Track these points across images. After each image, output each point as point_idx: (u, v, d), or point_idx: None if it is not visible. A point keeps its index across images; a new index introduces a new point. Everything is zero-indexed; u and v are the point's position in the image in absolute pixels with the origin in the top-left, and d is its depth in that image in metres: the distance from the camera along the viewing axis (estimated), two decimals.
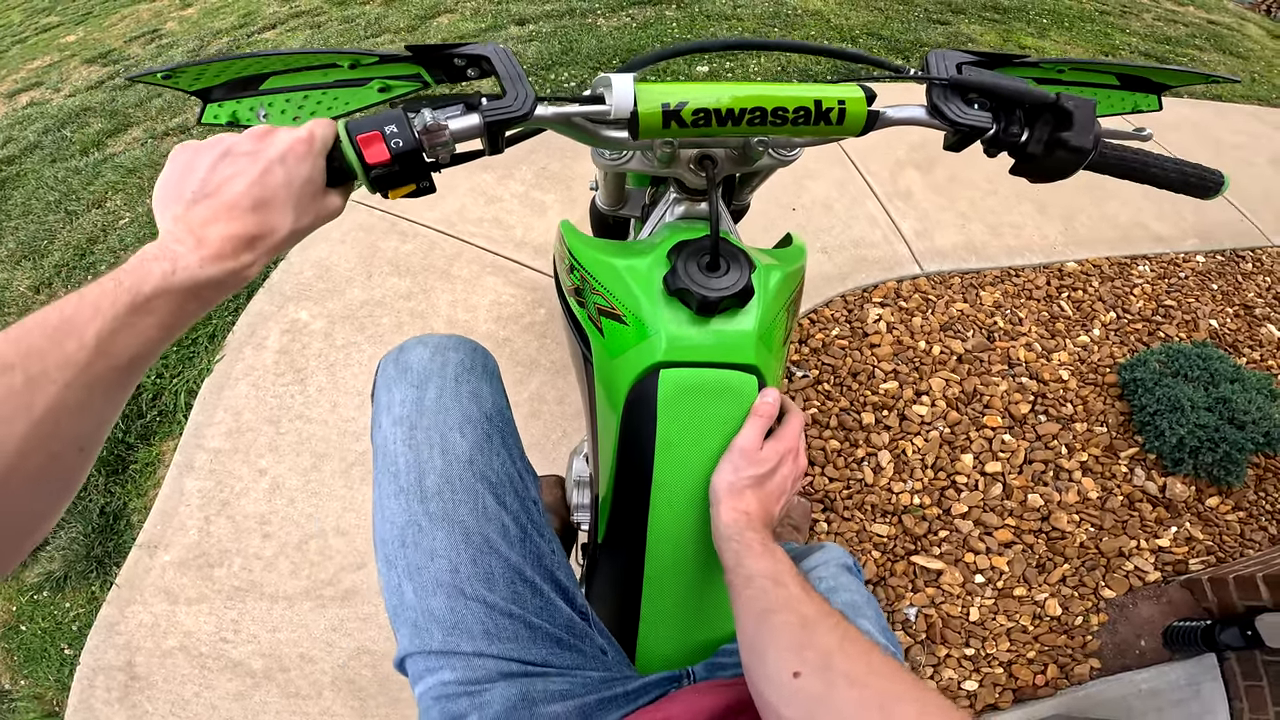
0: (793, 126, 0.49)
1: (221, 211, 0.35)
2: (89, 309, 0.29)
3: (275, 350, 1.45)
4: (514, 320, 1.51)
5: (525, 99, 0.46)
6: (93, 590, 1.26)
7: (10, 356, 0.27)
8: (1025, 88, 0.50)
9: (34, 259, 2.05)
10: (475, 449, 0.48)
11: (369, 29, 3.23)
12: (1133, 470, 1.37)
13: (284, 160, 0.37)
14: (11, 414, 0.26)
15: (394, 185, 0.43)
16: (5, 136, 3.04)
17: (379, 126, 0.41)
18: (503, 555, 0.46)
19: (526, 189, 1.79)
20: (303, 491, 1.28)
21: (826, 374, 1.48)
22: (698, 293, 0.50)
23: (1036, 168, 0.53)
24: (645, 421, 0.52)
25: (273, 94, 0.50)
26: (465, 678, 0.43)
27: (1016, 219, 1.88)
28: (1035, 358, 1.55)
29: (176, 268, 0.32)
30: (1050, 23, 3.41)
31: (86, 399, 0.29)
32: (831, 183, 1.90)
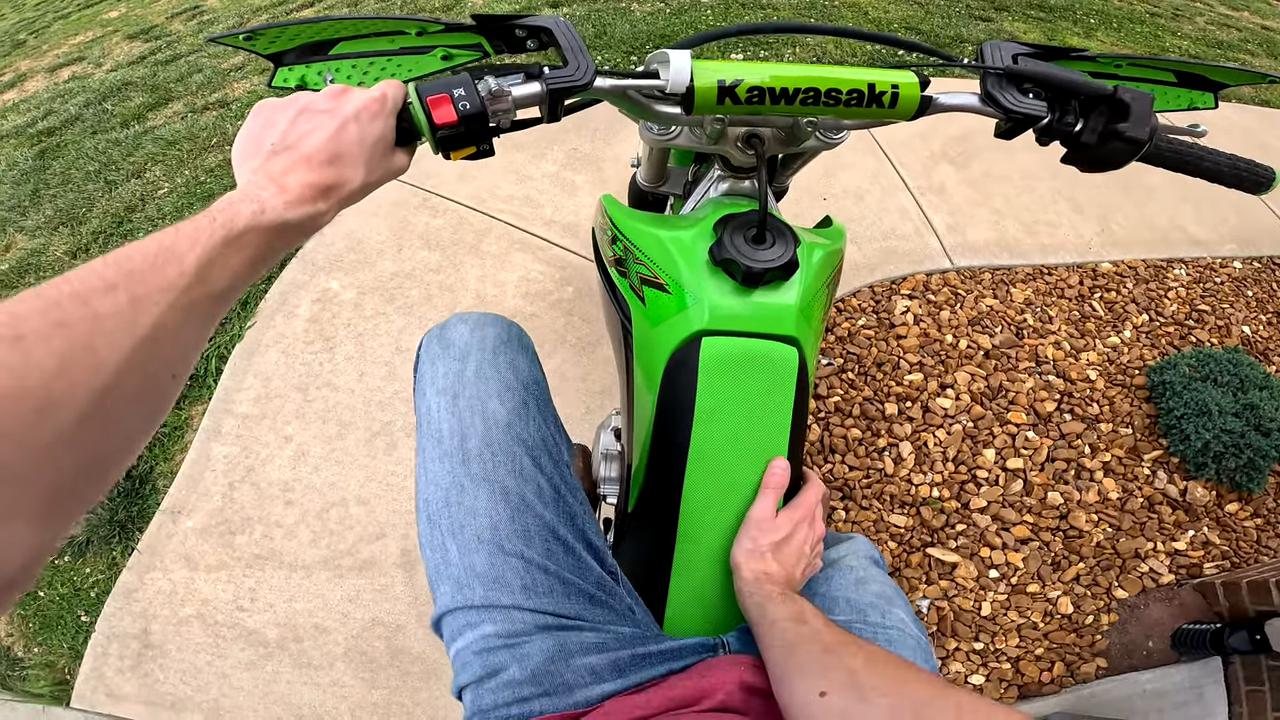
0: (844, 108, 0.50)
1: (300, 162, 0.37)
2: (186, 240, 0.31)
3: (306, 319, 1.48)
4: (541, 297, 1.52)
5: (586, 70, 0.47)
6: (114, 556, 1.27)
7: (113, 277, 0.28)
8: (1082, 79, 0.51)
9: (71, 226, 2.10)
10: (513, 415, 0.51)
11: (404, 7, 3.26)
12: (1155, 473, 1.36)
13: (358, 118, 0.39)
14: (117, 329, 0.27)
15: (457, 146, 0.45)
16: (46, 109, 3.11)
17: (448, 89, 0.43)
18: (538, 514, 0.48)
19: (558, 169, 1.79)
20: (326, 460, 1.30)
21: (851, 363, 1.47)
22: (743, 263, 0.51)
23: (1089, 157, 0.53)
24: (685, 389, 0.53)
25: (340, 59, 0.52)
26: (505, 630, 0.45)
27: (1052, 217, 1.85)
28: (1064, 356, 1.53)
29: (265, 208, 0.34)
30: (1098, 23, 3.33)
31: (184, 323, 0.30)
32: (864, 174, 1.88)
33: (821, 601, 0.56)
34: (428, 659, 1.14)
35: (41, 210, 2.26)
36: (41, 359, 0.24)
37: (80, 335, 0.26)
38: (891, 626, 0.53)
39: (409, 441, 1.32)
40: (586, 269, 1.59)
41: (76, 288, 0.27)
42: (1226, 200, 2.03)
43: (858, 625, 0.53)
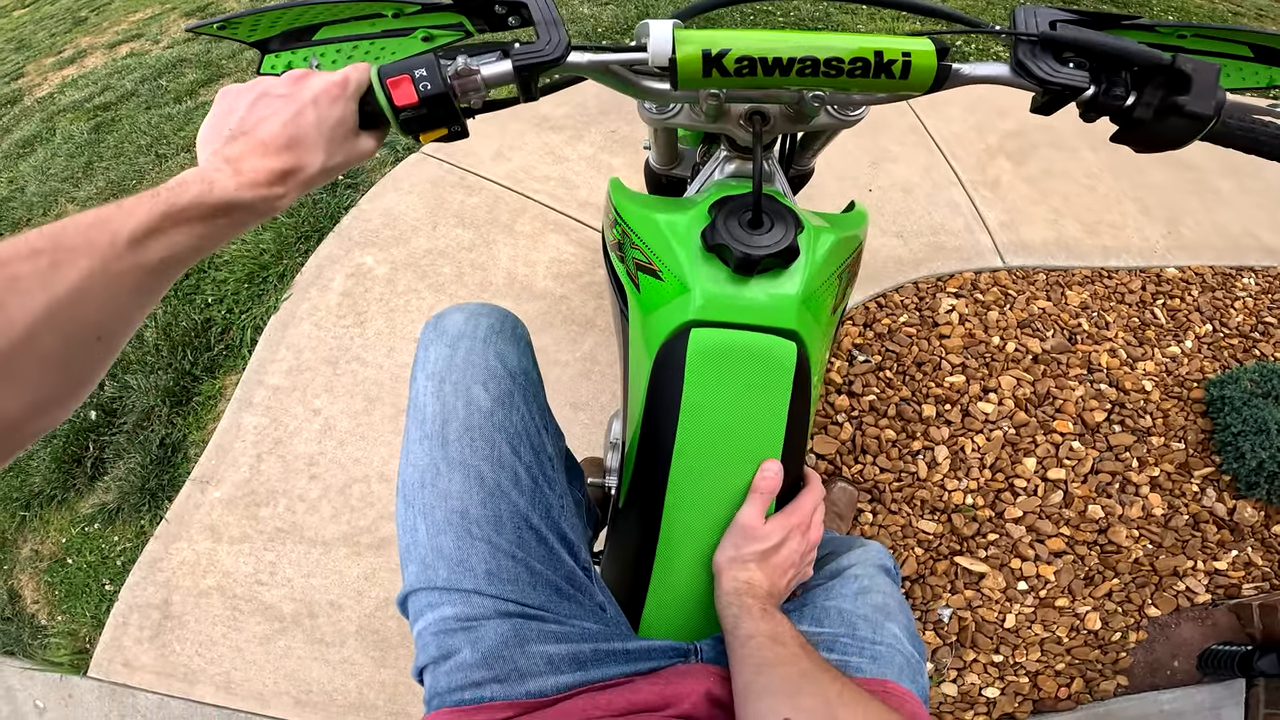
0: (848, 79, 0.45)
1: (256, 148, 0.37)
2: (125, 211, 0.31)
3: (339, 292, 1.49)
4: (573, 279, 1.50)
5: (557, 44, 0.45)
6: (142, 524, 1.29)
7: (40, 244, 0.28)
8: (1134, 46, 0.45)
9: (122, 197, 2.20)
10: (496, 403, 0.50)
11: None
12: (1204, 490, 1.30)
13: (316, 102, 0.39)
14: (31, 288, 0.27)
15: (424, 129, 0.43)
16: (104, 85, 3.22)
17: (409, 70, 0.42)
18: (512, 501, 0.47)
19: (595, 151, 1.77)
20: (353, 435, 1.31)
21: (890, 361, 1.42)
22: (737, 249, 0.47)
23: (1144, 135, 0.47)
24: (672, 382, 0.49)
25: (325, 44, 0.51)
26: (463, 614, 0.44)
27: (1116, 218, 1.75)
28: (1119, 365, 1.45)
29: (214, 187, 0.34)
30: (1175, 20, 3.14)
31: (111, 290, 0.30)
32: (914, 167, 1.81)
33: (813, 612, 0.53)
34: None
35: (94, 181, 2.34)
36: None
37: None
38: (881, 643, 0.50)
39: None
40: None
41: (3, 253, 0.27)
42: None
43: (844, 640, 0.50)
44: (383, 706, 1.09)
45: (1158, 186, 1.82)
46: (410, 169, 1.71)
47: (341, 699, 1.09)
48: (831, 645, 0.50)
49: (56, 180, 2.43)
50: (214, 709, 1.10)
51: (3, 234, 2.38)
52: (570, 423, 1.31)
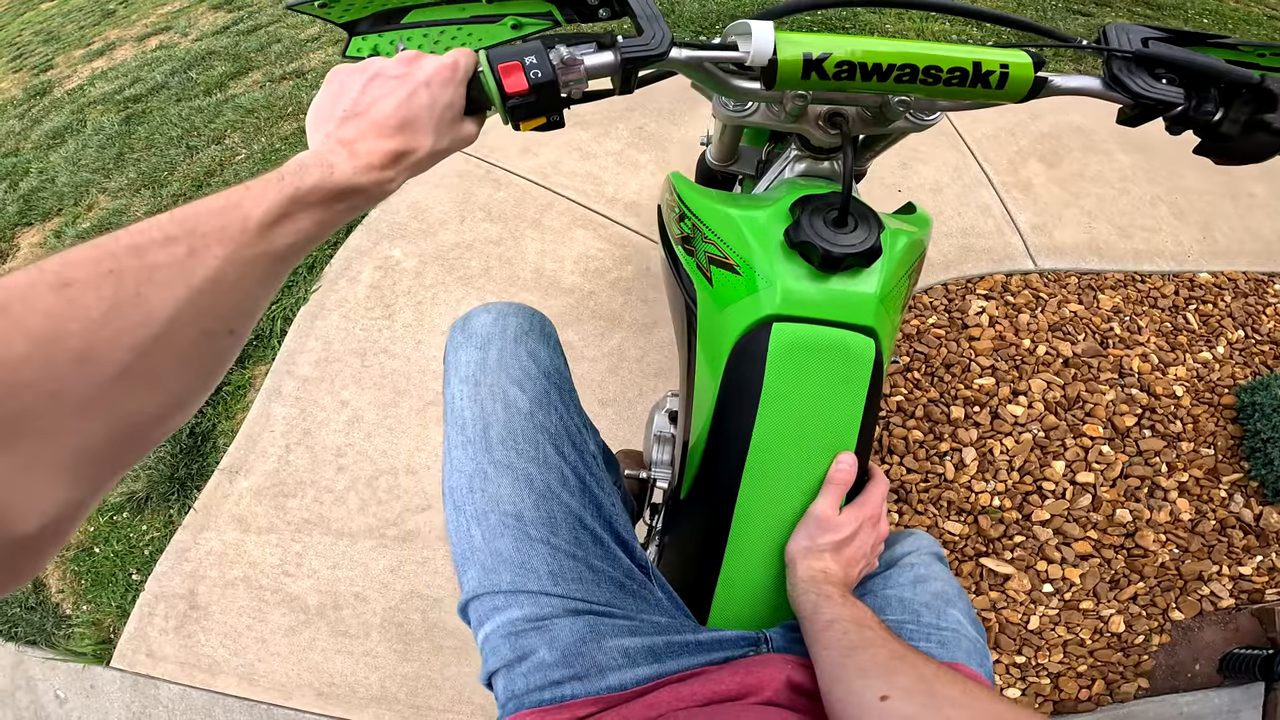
0: (945, 87, 0.47)
1: (370, 129, 0.36)
2: (254, 197, 0.31)
3: (368, 285, 1.50)
4: (600, 275, 1.50)
5: (663, 39, 0.45)
6: (170, 514, 1.30)
7: (174, 230, 0.27)
8: (1224, 64, 0.47)
9: (153, 188, 2.19)
10: (534, 404, 0.50)
11: None
12: (1232, 496, 1.29)
13: (429, 84, 0.39)
14: (170, 279, 0.26)
15: (527, 116, 0.43)
16: (134, 77, 3.24)
17: (519, 57, 0.41)
18: (564, 502, 0.47)
19: (622, 147, 1.77)
20: (380, 426, 1.32)
21: (918, 362, 1.41)
22: (822, 247, 0.48)
23: (1228, 148, 0.49)
24: (751, 376, 0.50)
25: (412, 28, 0.51)
26: (533, 614, 0.44)
27: (1149, 222, 1.72)
28: (1150, 369, 1.43)
29: (334, 171, 0.34)
30: (1211, 23, 3.08)
31: (243, 278, 0.29)
32: (944, 167, 1.79)
33: (874, 600, 0.54)
34: (462, 634, 1.13)
35: (125, 173, 2.36)
36: (87, 305, 0.23)
37: (130, 284, 0.25)
38: (946, 628, 0.51)
39: None
40: (647, 248, 1.56)
41: (135, 240, 0.26)
42: None
43: (909, 626, 0.51)
44: (404, 700, 1.09)
45: (1192, 190, 1.79)
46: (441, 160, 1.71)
47: (364, 691, 1.10)
48: (898, 632, 0.50)
49: (88, 171, 2.46)
50: (235, 700, 1.10)
51: (32, 223, 2.41)
52: (598, 418, 1.29)
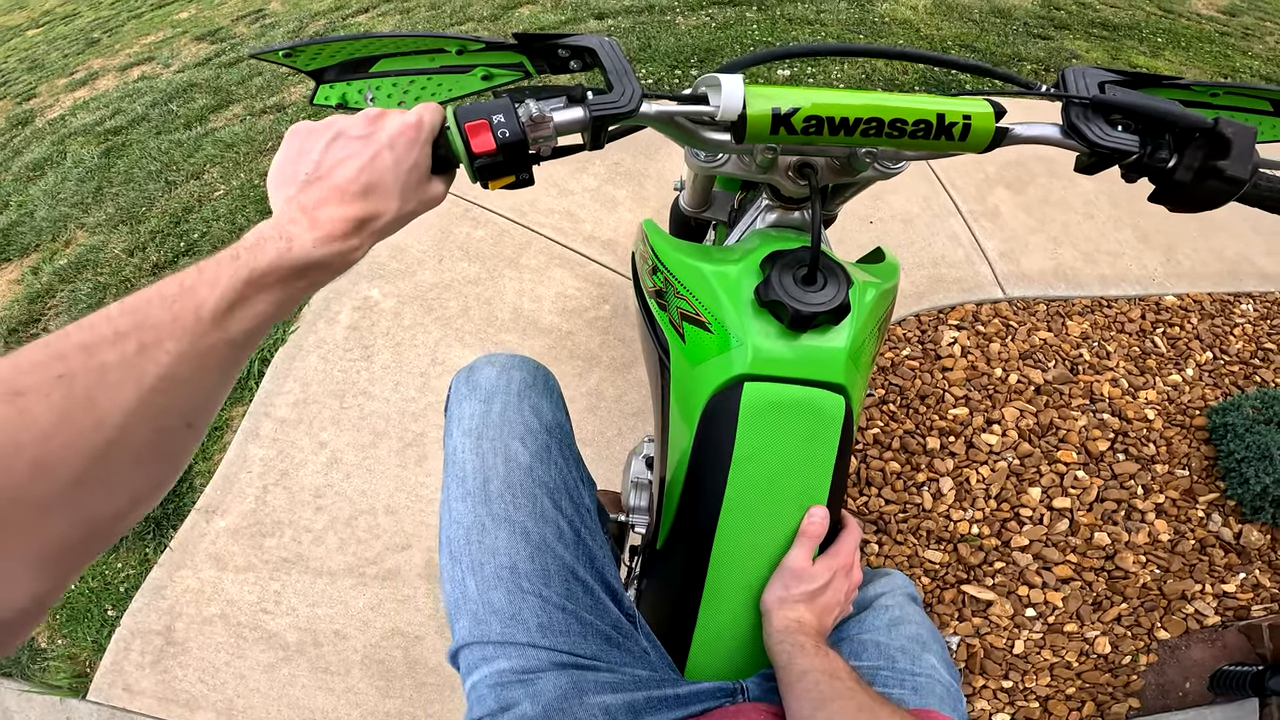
0: (910, 140, 0.47)
1: (333, 194, 0.35)
2: (207, 282, 0.29)
3: (346, 326, 1.50)
4: (578, 314, 1.51)
5: (632, 95, 0.45)
6: (146, 552, 1.29)
7: (125, 326, 0.26)
8: (1179, 110, 0.46)
9: (131, 224, 2.18)
10: (535, 458, 0.51)
11: (454, 16, 3.32)
12: (1209, 515, 1.32)
13: (393, 145, 0.37)
14: (121, 380, 0.25)
15: (496, 176, 0.42)
16: (115, 108, 3.23)
17: (487, 115, 0.40)
18: (558, 555, 0.48)
19: (599, 183, 1.79)
20: (359, 467, 1.32)
21: (893, 394, 1.43)
22: (792, 306, 0.49)
23: (1182, 196, 0.48)
24: (724, 434, 0.51)
25: (380, 77, 0.51)
26: (520, 666, 0.45)
27: (1114, 246, 1.76)
28: (1120, 394, 1.46)
29: (292, 246, 0.32)
30: (1165, 42, 3.18)
31: (198, 371, 0.28)
32: (913, 196, 1.82)
33: (850, 645, 0.55)
34: (443, 671, 1.14)
35: (103, 208, 2.35)
36: (39, 415, 0.23)
37: (81, 389, 0.24)
38: (920, 673, 0.51)
39: (440, 453, 1.33)
40: (624, 286, 1.58)
41: (85, 337, 0.26)
42: None
43: (884, 672, 0.52)
44: None
45: (1154, 213, 1.81)
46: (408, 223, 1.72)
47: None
48: (873, 678, 0.51)
49: (66, 205, 2.44)
50: None
51: (10, 259, 2.38)
52: None
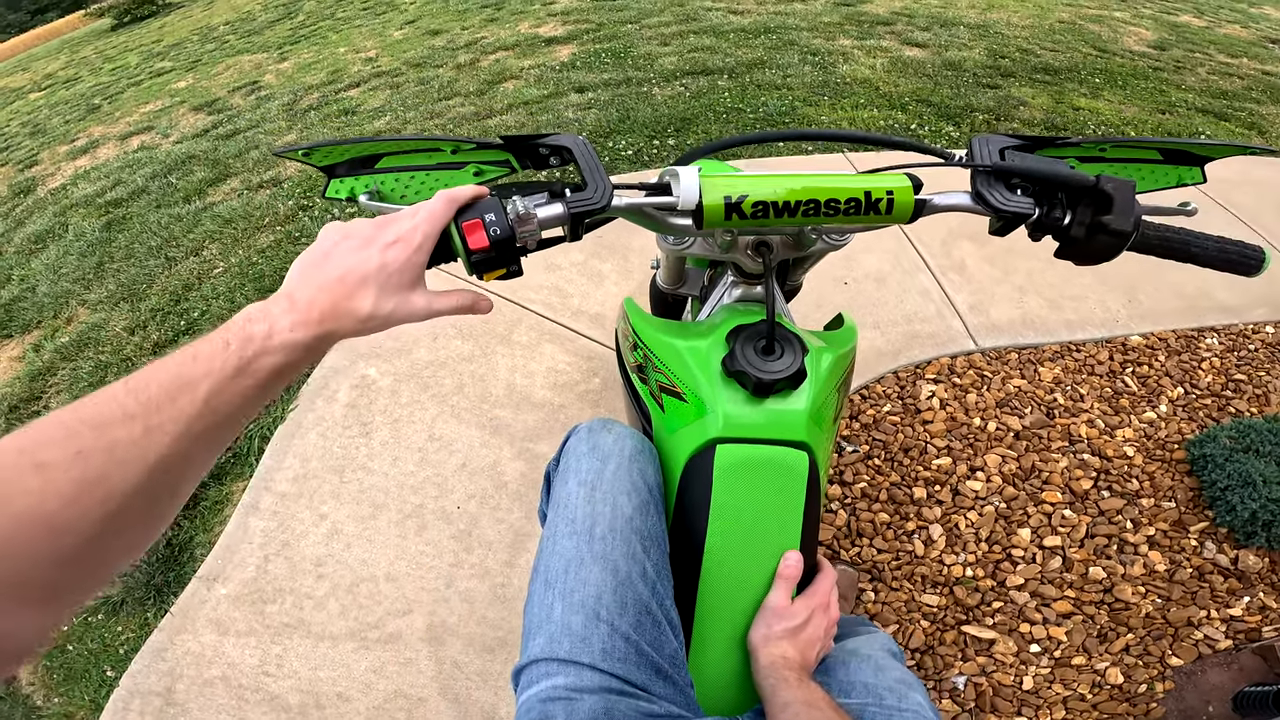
0: (844, 216, 0.52)
1: (314, 281, 0.40)
2: (201, 368, 0.33)
3: (344, 404, 1.55)
4: (569, 388, 1.56)
5: (604, 192, 0.50)
6: (146, 617, 1.30)
7: (132, 407, 0.31)
8: (1065, 171, 0.51)
9: (132, 301, 2.22)
10: (636, 511, 0.57)
11: (442, 91, 3.45)
12: (1203, 543, 1.33)
13: (384, 249, 0.42)
14: (129, 459, 0.30)
15: (490, 269, 0.48)
16: (115, 179, 3.32)
17: (480, 215, 0.45)
18: (638, 591, 0.54)
19: (585, 258, 1.86)
20: (359, 538, 1.34)
21: (877, 449, 1.47)
22: (754, 375, 0.54)
23: (1080, 251, 0.52)
24: (701, 490, 0.56)
25: (385, 173, 0.58)
26: (573, 684, 0.49)
27: (1076, 291, 1.84)
28: (1098, 434, 1.50)
29: (273, 329, 0.36)
30: (1103, 82, 3.34)
31: (191, 450, 0.33)
32: (884, 255, 1.90)
33: (839, 686, 0.59)
34: None
35: (105, 284, 2.38)
36: (60, 486, 0.27)
37: (96, 465, 0.29)
38: (907, 709, 0.55)
39: (439, 524, 1.36)
40: (612, 359, 1.62)
41: (98, 414, 0.30)
42: None
43: (873, 709, 0.55)
44: None
45: None
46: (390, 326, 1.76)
47: None
48: (861, 713, 0.55)
49: (68, 280, 2.48)
50: None
51: (12, 335, 2.38)
52: None
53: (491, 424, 1.50)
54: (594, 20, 4.32)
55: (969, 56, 3.52)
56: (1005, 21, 4.31)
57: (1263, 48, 4.39)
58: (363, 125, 3.23)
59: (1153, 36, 4.29)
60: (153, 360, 0.35)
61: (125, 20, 11.29)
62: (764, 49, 3.57)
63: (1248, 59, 4.05)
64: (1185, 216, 0.57)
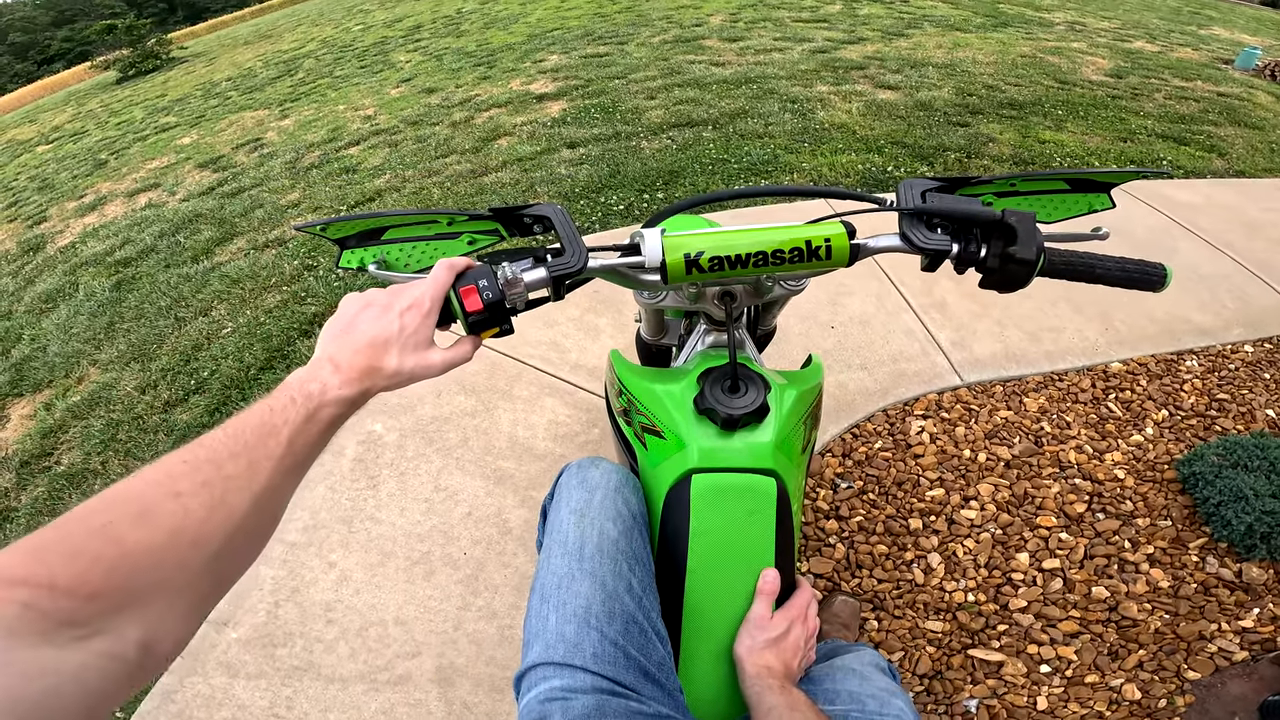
0: (790, 265, 0.58)
1: (349, 345, 0.48)
2: (280, 418, 0.42)
3: (352, 459, 1.59)
4: (570, 439, 1.61)
5: (580, 256, 0.56)
6: None
7: (236, 448, 0.39)
8: (974, 208, 0.55)
9: (142, 361, 2.27)
10: (621, 535, 0.63)
11: (438, 149, 3.59)
12: (1204, 558, 1.34)
13: (401, 315, 0.50)
14: (241, 487, 0.38)
15: (485, 328, 0.54)
16: (124, 237, 3.40)
17: (474, 281, 0.52)
18: (625, 604, 0.59)
19: (581, 313, 1.93)
20: (369, 584, 1.36)
21: (871, 484, 1.51)
22: (722, 411, 0.61)
23: (998, 280, 0.56)
24: (680, 517, 0.63)
25: (390, 244, 0.66)
26: (567, 685, 0.54)
27: (1055, 322, 1.90)
28: (1087, 459, 1.54)
29: (325, 387, 0.45)
30: (1065, 114, 3.47)
31: (283, 481, 0.41)
32: (868, 297, 1.97)
33: (825, 695, 0.63)
34: None
35: (115, 344, 2.43)
36: (195, 509, 0.35)
37: (219, 492, 0.37)
38: (889, 715, 0.60)
39: (446, 570, 1.39)
40: None
41: (211, 454, 0.38)
42: (1223, 284, 2.07)
43: (855, 714, 0.60)
44: None
45: (1084, 286, 1.98)
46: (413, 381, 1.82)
47: None
48: (844, 718, 0.59)
49: (79, 340, 2.53)
50: None
51: (23, 394, 2.39)
52: None
53: (495, 474, 1.54)
54: (582, 76, 4.51)
55: (939, 96, 3.69)
56: (971, 59, 4.52)
57: (1215, 69, 4.60)
58: (363, 184, 3.33)
59: (1109, 65, 4.49)
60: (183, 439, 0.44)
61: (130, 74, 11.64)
62: (745, 98, 3.74)
63: (1201, 81, 4.23)
64: (1098, 241, 0.61)
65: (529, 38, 6.10)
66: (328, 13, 13.21)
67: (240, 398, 1.95)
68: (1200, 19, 7.71)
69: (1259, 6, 11.43)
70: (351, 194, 3.23)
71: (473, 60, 5.60)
